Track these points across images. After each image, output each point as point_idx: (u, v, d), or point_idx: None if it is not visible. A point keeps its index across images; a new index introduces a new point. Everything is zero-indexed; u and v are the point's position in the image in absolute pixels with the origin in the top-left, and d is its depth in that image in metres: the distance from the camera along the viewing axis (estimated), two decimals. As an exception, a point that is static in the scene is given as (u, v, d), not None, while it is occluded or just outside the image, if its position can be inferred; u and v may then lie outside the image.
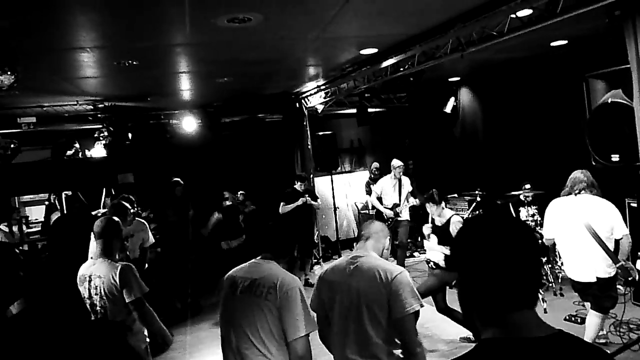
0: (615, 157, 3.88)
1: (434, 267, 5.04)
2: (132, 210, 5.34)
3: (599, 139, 4.03)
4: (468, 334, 5.09)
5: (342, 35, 4.85)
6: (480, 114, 9.20)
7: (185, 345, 5.83)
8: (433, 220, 5.17)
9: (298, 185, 7.85)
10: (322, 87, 8.03)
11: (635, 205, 4.97)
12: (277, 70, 6.50)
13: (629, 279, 3.82)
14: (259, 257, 2.71)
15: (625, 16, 3.28)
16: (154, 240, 5.90)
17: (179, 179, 7.79)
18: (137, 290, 3.24)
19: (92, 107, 7.66)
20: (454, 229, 4.86)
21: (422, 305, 2.55)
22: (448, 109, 9.51)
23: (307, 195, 7.81)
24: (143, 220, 5.87)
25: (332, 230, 9.68)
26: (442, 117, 9.71)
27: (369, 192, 9.17)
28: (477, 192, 7.71)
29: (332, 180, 9.15)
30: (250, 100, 9.04)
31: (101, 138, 8.06)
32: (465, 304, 1.27)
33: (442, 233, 4.97)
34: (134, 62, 5.10)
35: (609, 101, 3.95)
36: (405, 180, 7.99)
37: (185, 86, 7.06)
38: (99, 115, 7.92)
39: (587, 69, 5.13)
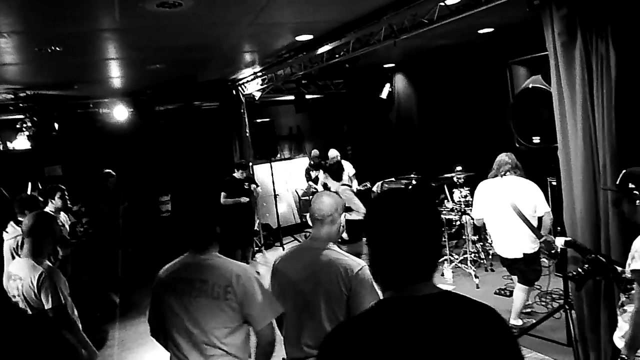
0: (536, 139, 4.14)
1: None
2: (54, 201, 5.14)
3: (522, 123, 4.28)
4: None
5: (277, 22, 4.82)
6: (414, 99, 9.45)
7: (121, 341, 5.66)
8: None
9: (239, 174, 7.77)
10: (259, 74, 7.95)
11: (555, 183, 5.33)
12: (211, 57, 6.36)
13: (552, 251, 4.12)
14: (189, 253, 2.50)
15: (543, 5, 3.48)
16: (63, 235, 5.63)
17: (110, 171, 7.51)
18: (55, 298, 3.08)
19: (12, 96, 7.17)
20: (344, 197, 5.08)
21: None
22: (384, 94, 9.69)
23: (254, 186, 7.81)
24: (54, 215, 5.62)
25: (273, 218, 9.68)
26: (378, 103, 9.89)
27: (309, 179, 9.21)
28: (412, 175, 7.94)
29: (271, 168, 9.14)
30: (185, 88, 8.78)
31: (24, 129, 7.57)
32: (372, 270, 1.43)
33: None
34: (58, 48, 4.82)
35: (530, 86, 4.18)
36: (347, 165, 8.09)
37: (115, 73, 6.76)
38: (21, 105, 7.42)
39: (511, 55, 5.40)
